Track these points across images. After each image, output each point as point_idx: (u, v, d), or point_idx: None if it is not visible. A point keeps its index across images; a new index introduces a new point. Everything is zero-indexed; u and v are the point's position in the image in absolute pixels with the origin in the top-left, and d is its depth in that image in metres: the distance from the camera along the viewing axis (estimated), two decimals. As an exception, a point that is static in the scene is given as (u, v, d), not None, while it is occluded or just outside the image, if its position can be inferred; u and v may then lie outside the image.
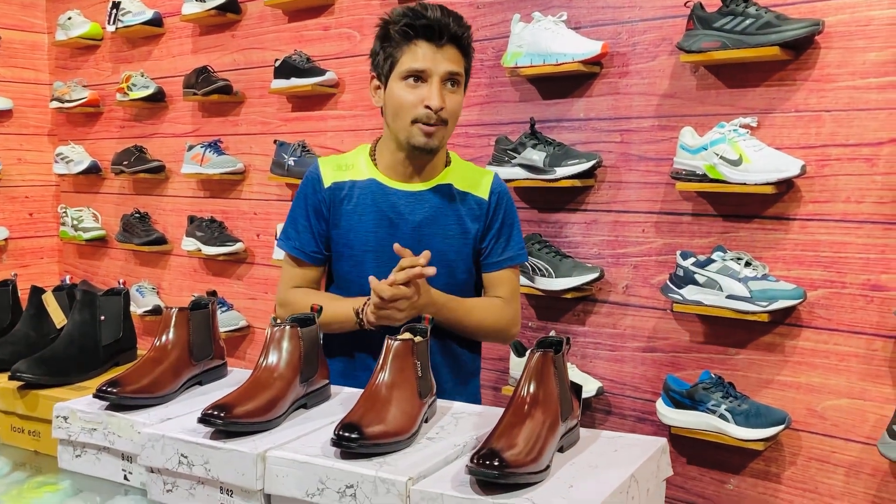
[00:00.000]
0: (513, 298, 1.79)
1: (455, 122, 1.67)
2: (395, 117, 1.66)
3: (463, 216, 1.73)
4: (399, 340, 1.38)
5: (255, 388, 1.41)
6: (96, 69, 4.08)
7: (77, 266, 4.32)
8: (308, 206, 1.77)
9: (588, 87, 2.40)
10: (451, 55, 1.62)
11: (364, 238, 1.73)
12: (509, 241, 1.78)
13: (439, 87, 1.60)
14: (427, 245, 1.66)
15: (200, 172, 3.36)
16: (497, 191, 1.77)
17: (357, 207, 1.73)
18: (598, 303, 2.42)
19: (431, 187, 1.73)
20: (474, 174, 1.78)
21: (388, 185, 1.72)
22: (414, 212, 1.71)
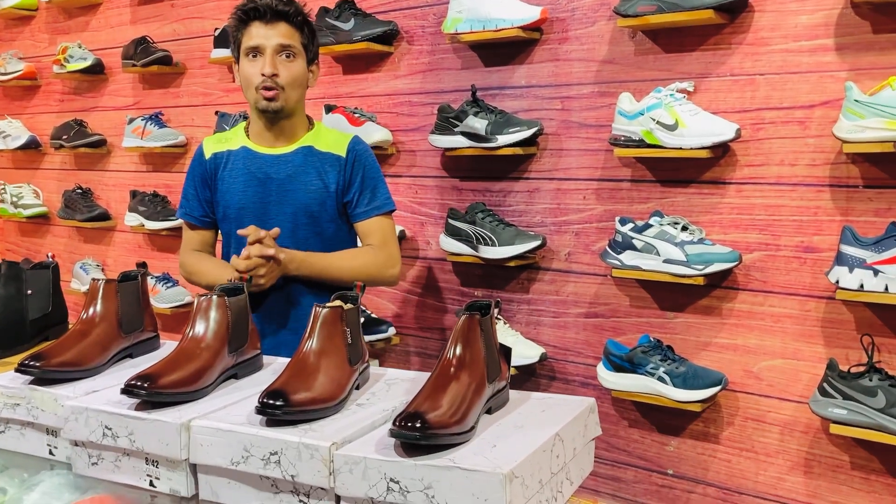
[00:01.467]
0: (385, 243, 1.98)
1: (297, 88, 1.91)
2: (245, 89, 1.93)
3: (322, 172, 1.95)
4: (328, 308, 1.37)
5: (180, 358, 1.39)
6: (32, 41, 3.95)
7: (19, 244, 4.21)
8: (195, 177, 2.04)
9: (529, 54, 2.38)
10: (282, 30, 1.88)
11: (238, 198, 1.97)
12: (375, 192, 1.97)
13: (272, 58, 1.86)
14: (291, 198, 1.93)
15: (142, 146, 3.29)
16: (354, 149, 1.97)
17: (232, 172, 1.98)
18: (542, 270, 2.43)
19: (293, 150, 1.96)
20: (336, 137, 2.01)
21: (256, 151, 1.97)
22: (279, 171, 1.94)
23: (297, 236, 1.94)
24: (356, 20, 2.59)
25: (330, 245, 1.97)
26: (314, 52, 1.97)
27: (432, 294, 2.67)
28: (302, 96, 1.96)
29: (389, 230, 2.01)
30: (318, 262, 1.92)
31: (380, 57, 2.70)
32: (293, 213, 1.94)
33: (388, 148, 2.67)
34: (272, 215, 1.94)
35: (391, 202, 2.02)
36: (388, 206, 2.01)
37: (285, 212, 1.94)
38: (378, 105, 2.73)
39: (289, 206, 1.94)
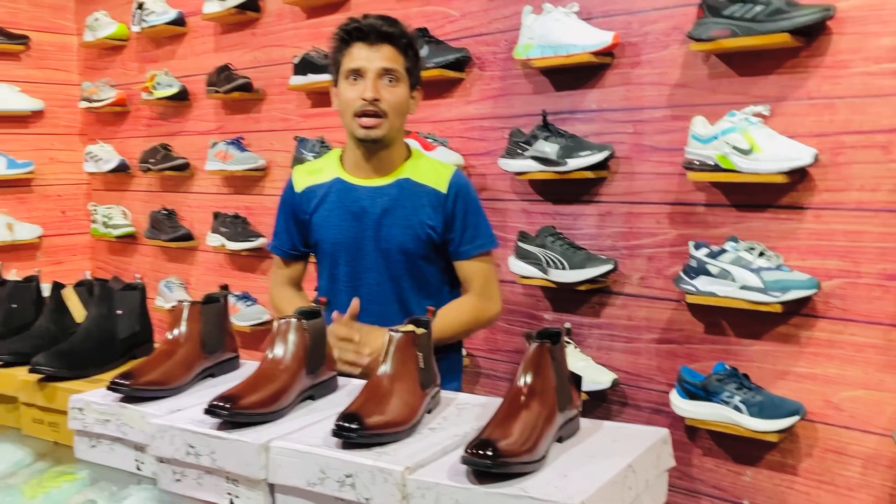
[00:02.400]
0: (486, 286, 1.90)
1: (398, 115, 1.81)
2: (343, 114, 1.83)
3: (419, 207, 1.84)
4: (401, 333, 1.40)
5: (260, 379, 1.44)
6: (123, 69, 4.16)
7: (108, 262, 4.41)
8: (286, 210, 1.98)
9: (600, 78, 2.39)
10: (385, 53, 1.78)
11: (333, 233, 1.89)
12: (476, 230, 1.88)
13: (374, 82, 1.77)
14: (386, 234, 1.84)
15: (224, 169, 3.42)
16: (456, 184, 1.86)
17: (326, 206, 1.89)
18: (613, 294, 2.42)
19: (391, 182, 1.86)
20: (435, 168, 1.89)
21: (351, 183, 1.88)
22: (375, 205, 1.84)
23: (390, 273, 1.87)
24: (430, 47, 2.65)
25: (424, 284, 1.90)
26: (417, 76, 1.87)
27: (502, 317, 2.68)
28: (403, 124, 1.86)
29: (491, 270, 1.92)
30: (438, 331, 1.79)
31: (452, 83, 2.75)
32: (387, 249, 1.85)
33: (460, 172, 2.71)
34: (366, 252, 1.87)
35: (493, 239, 1.92)
36: (491, 244, 1.91)
37: (380, 248, 1.86)
38: (450, 130, 2.77)
39: (383, 241, 1.85)
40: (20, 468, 1.66)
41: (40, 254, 4.35)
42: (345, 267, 1.91)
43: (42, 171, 4.31)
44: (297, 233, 1.98)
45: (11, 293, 2.03)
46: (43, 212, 4.36)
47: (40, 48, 4.31)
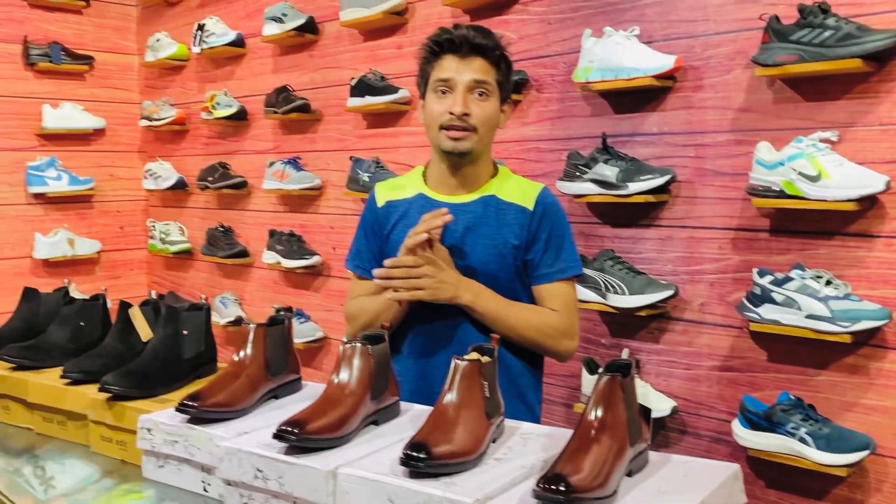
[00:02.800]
0: (565, 311, 1.76)
1: (487, 130, 1.73)
2: (429, 127, 1.76)
3: (505, 226, 1.75)
4: (466, 361, 1.40)
5: (327, 404, 1.45)
6: (183, 89, 4.26)
7: (164, 278, 4.50)
8: (366, 226, 1.90)
9: (661, 102, 2.37)
10: (477, 66, 1.70)
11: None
12: (559, 252, 1.76)
13: (463, 95, 1.69)
14: (469, 254, 1.75)
15: (280, 188, 3.47)
16: (543, 202, 1.77)
17: (407, 222, 1.80)
18: (673, 320, 2.39)
19: (475, 199, 1.77)
20: (522, 186, 1.80)
21: (433, 198, 1.80)
22: (457, 222, 1.74)
23: None
24: (488, 70, 2.65)
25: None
26: (509, 90, 1.79)
27: (558, 339, 2.67)
28: (491, 140, 1.77)
29: (572, 298, 1.79)
30: (497, 303, 1.71)
31: (510, 104, 2.75)
32: (468, 269, 1.75)
33: (517, 193, 2.70)
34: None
35: (578, 265, 1.80)
36: (574, 271, 1.78)
37: (461, 267, 1.75)
38: (506, 151, 2.77)
39: (465, 261, 1.75)
40: (88, 484, 1.69)
41: (99, 268, 4.46)
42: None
43: (102, 188, 4.42)
44: (376, 250, 1.89)
45: (80, 311, 2.08)
46: (102, 227, 4.47)
47: (103, 68, 4.43)
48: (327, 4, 3.40)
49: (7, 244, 4.11)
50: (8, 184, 4.11)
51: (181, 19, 4.22)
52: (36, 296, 2.20)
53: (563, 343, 1.76)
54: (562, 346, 1.77)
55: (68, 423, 1.83)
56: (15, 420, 1.93)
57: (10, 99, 4.11)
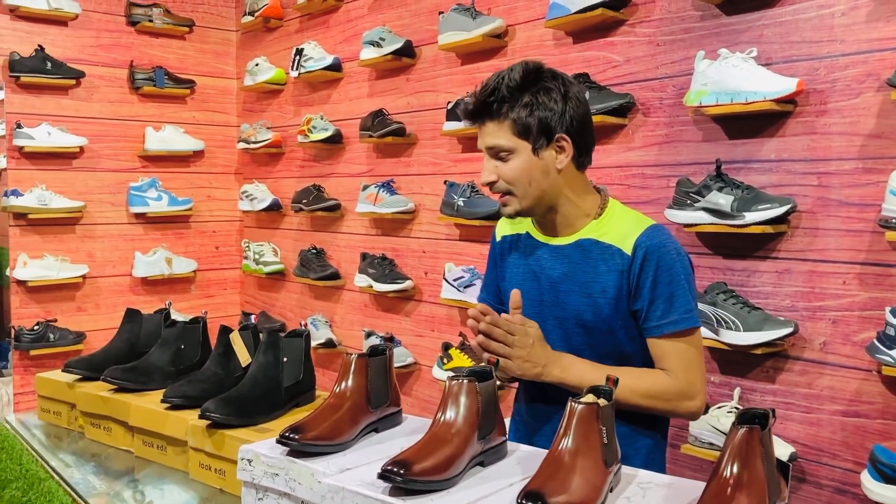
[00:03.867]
0: (681, 370, 1.58)
1: (526, 186, 1.60)
2: None
3: (602, 273, 1.60)
4: (583, 404, 1.31)
5: (432, 444, 1.38)
6: (279, 112, 4.31)
7: (256, 298, 4.55)
8: (490, 258, 1.86)
9: (780, 127, 2.23)
10: (489, 130, 1.62)
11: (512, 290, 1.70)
12: (671, 302, 1.57)
13: (486, 164, 1.64)
14: (563, 301, 1.64)
15: (374, 211, 3.45)
16: (645, 244, 1.57)
17: (515, 260, 1.76)
18: (791, 359, 2.23)
19: (572, 241, 1.65)
20: (627, 226, 1.62)
21: (536, 239, 1.72)
22: (554, 267, 1.67)
23: (569, 345, 1.65)
24: (591, 93, 2.57)
25: (611, 362, 1.62)
26: (541, 130, 1.59)
27: (662, 375, 2.54)
28: (546, 187, 1.61)
29: (691, 353, 1.60)
30: (594, 373, 1.56)
31: (612, 129, 2.65)
32: (563, 318, 1.64)
33: (620, 221, 2.60)
34: (546, 317, 1.67)
35: (693, 317, 1.59)
36: (687, 324, 1.58)
37: (557, 315, 1.65)
38: (608, 177, 2.67)
39: (560, 309, 1.65)
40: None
41: (194, 287, 4.55)
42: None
43: (199, 209, 4.52)
44: (497, 282, 1.84)
45: (180, 334, 2.09)
46: (198, 247, 4.56)
47: (203, 91, 4.55)
48: (425, 28, 3.38)
49: (109, 262, 4.23)
50: (111, 203, 4.24)
51: (279, 44, 4.29)
52: (138, 317, 2.22)
53: (682, 405, 1.59)
54: (682, 409, 1.60)
55: (168, 448, 1.83)
56: (116, 442, 1.95)
57: (116, 122, 4.25)
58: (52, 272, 3.94)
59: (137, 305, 4.12)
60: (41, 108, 4.00)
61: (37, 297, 4.00)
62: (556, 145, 1.61)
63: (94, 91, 4.17)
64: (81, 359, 2.14)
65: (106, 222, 4.23)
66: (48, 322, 3.90)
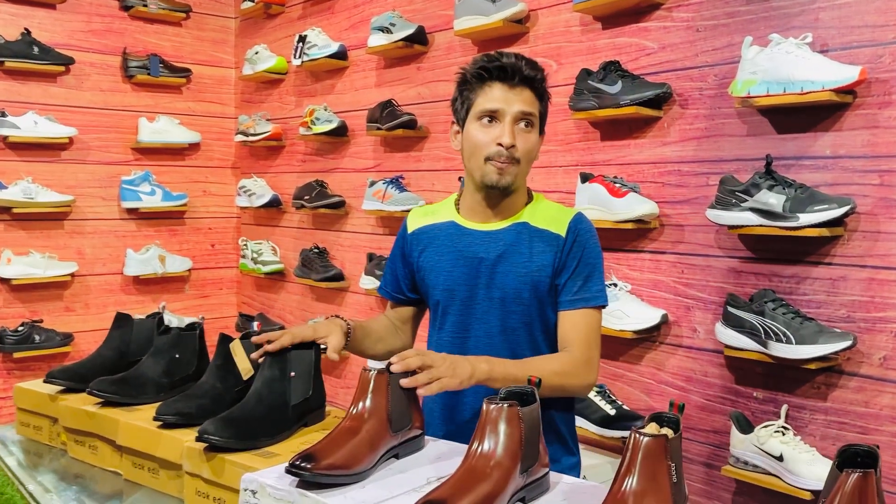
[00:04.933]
0: (584, 342, 1.67)
1: (529, 163, 1.70)
2: (470, 157, 1.70)
3: (536, 253, 1.70)
4: (648, 436, 1.12)
5: (471, 478, 1.19)
6: (280, 103, 4.10)
7: (254, 299, 4.34)
8: (396, 251, 1.89)
9: (837, 120, 2.04)
10: (524, 97, 1.66)
11: (444, 278, 1.76)
12: (588, 280, 1.69)
13: (511, 126, 1.65)
14: (500, 282, 1.70)
15: (382, 209, 3.24)
16: (576, 228, 1.71)
17: (437, 249, 1.78)
18: (846, 375, 2.03)
19: (506, 226, 1.73)
20: (556, 213, 1.75)
21: (464, 226, 1.77)
22: (488, 250, 1.72)
23: (503, 325, 1.70)
24: (624, 83, 2.37)
25: (541, 340, 1.72)
26: (545, 121, 1.75)
27: (698, 389, 2.34)
28: (528, 171, 1.74)
29: (594, 329, 1.70)
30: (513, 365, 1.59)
31: (645, 122, 2.45)
32: (501, 298, 1.70)
33: (651, 222, 2.40)
34: (479, 299, 1.72)
35: (604, 296, 1.71)
36: (599, 300, 1.70)
37: (493, 296, 1.71)
38: (641, 174, 2.47)
39: (497, 290, 1.70)
40: (178, 544, 1.47)
41: (188, 287, 4.34)
42: (454, 317, 1.76)
43: (194, 204, 4.31)
44: (403, 276, 1.88)
45: (175, 342, 1.88)
46: (193, 244, 4.35)
47: (199, 81, 4.34)
48: (438, 13, 3.17)
49: (98, 260, 4.02)
50: (102, 198, 4.02)
51: (281, 31, 4.08)
52: (128, 322, 2.02)
53: (583, 381, 1.66)
54: (582, 384, 1.67)
55: (161, 472, 1.63)
56: (102, 462, 1.75)
57: (108, 112, 4.03)
58: (39, 270, 3.72)
59: (129, 306, 3.97)
60: (27, 95, 3.78)
61: (22, 296, 3.78)
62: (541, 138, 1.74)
63: (84, 79, 3.95)
64: (65, 368, 1.93)
65: (96, 217, 4.01)
66: (33, 323, 3.68)
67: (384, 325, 1.93)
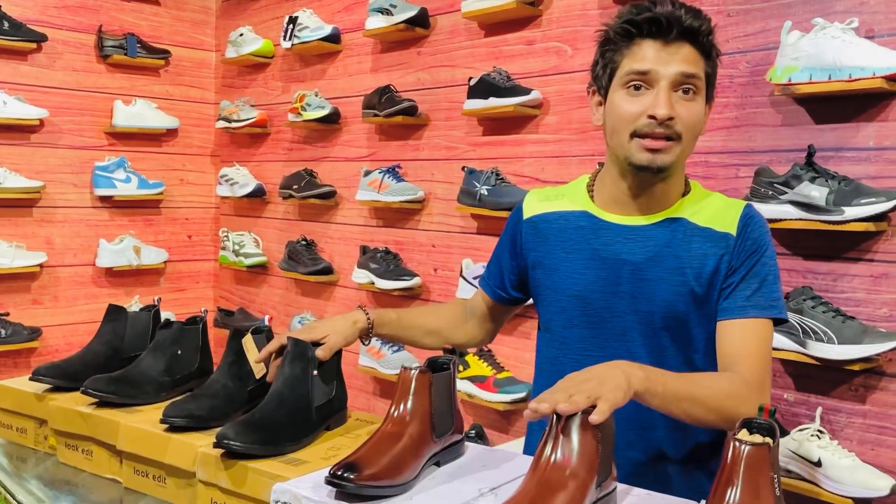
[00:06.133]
0: (756, 359, 1.34)
1: (692, 139, 1.38)
2: (612, 133, 1.40)
3: (697, 256, 1.38)
4: (749, 444, 1.01)
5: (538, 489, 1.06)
6: (265, 88, 3.92)
7: (233, 293, 4.15)
8: (505, 240, 1.61)
9: (882, 109, 1.94)
10: (684, 54, 1.34)
11: (570, 281, 1.46)
12: (763, 285, 1.37)
13: (668, 93, 1.33)
14: (649, 291, 1.39)
15: (378, 200, 3.09)
16: (749, 224, 1.39)
17: (564, 244, 1.48)
18: (886, 377, 1.95)
19: (658, 221, 1.42)
20: (722, 206, 1.43)
21: (602, 219, 1.45)
22: (634, 251, 1.41)
23: (655, 345, 1.40)
24: (649, 68, 2.26)
25: (701, 361, 1.42)
26: (714, 87, 1.42)
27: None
28: (692, 150, 1.41)
29: (768, 343, 1.38)
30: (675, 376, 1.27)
31: (668, 110, 2.34)
32: (649, 312, 1.39)
33: (674, 215, 2.29)
34: (619, 311, 1.41)
35: (780, 307, 1.38)
36: (776, 312, 1.37)
37: (639, 309, 1.40)
38: (662, 165, 2.36)
39: (644, 301, 1.39)
40: (190, 561, 1.32)
41: (163, 280, 4.13)
42: (583, 330, 1.45)
43: (171, 193, 4.10)
44: (510, 270, 1.59)
45: (176, 337, 1.72)
46: (169, 235, 4.14)
47: (178, 64, 4.13)
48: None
49: (69, 250, 3.79)
50: (74, 184, 3.79)
51: (266, 13, 3.89)
52: (122, 315, 1.84)
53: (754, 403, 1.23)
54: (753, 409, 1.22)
55: (168, 480, 1.46)
56: (99, 469, 1.57)
57: (81, 93, 3.80)
58: (5, 260, 3.48)
59: (101, 299, 3.74)
60: (-5, 73, 3.54)
61: (-14, 288, 3.55)
62: (708, 108, 1.40)
63: (56, 57, 3.71)
64: (54, 365, 1.74)
65: (67, 205, 3.77)
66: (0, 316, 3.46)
67: (450, 314, 1.70)
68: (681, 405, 1.26)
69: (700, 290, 1.38)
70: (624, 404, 1.14)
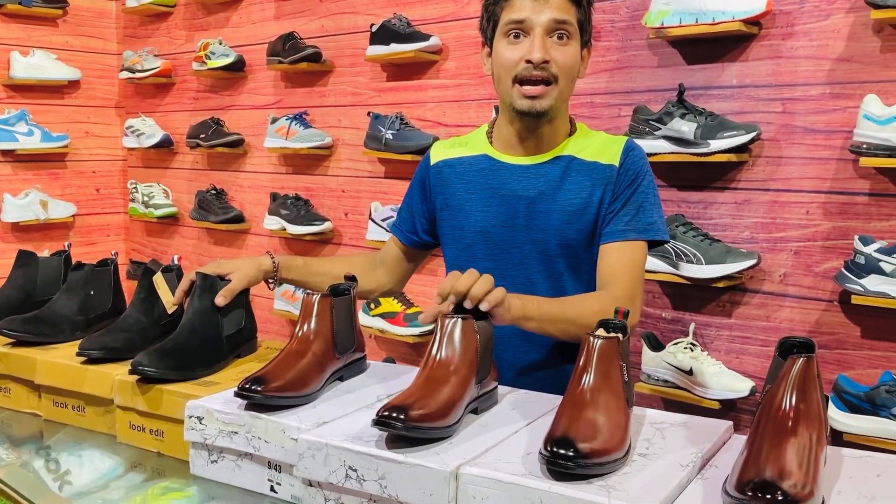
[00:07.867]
0: (630, 282, 1.47)
1: (569, 82, 1.48)
2: (498, 81, 1.52)
3: (585, 188, 1.51)
4: (602, 338, 1.17)
5: (431, 385, 1.20)
6: (168, 38, 3.89)
7: (145, 245, 4.16)
8: (415, 186, 1.71)
9: (743, 50, 2.14)
10: (556, 3, 1.45)
11: (473, 218, 1.58)
12: (639, 212, 1.50)
13: (542, 39, 1.44)
14: (544, 223, 1.52)
15: (286, 147, 3.15)
16: (630, 155, 1.53)
17: (467, 186, 1.60)
18: (749, 292, 2.18)
19: (549, 159, 1.54)
20: (605, 142, 1.56)
21: (499, 160, 1.58)
22: (528, 187, 1.54)
23: (552, 271, 1.54)
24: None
25: (591, 284, 1.54)
26: (589, 32, 1.52)
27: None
28: (571, 92, 1.52)
29: (640, 265, 1.50)
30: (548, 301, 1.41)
31: (557, 54, 2.49)
32: (545, 240, 1.52)
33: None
34: (517, 242, 1.54)
35: (662, 232, 1.52)
36: (653, 234, 1.50)
37: (535, 239, 1.53)
38: (552, 106, 2.52)
39: (539, 231, 1.52)
40: (112, 479, 1.42)
41: (73, 233, 4.10)
42: (487, 262, 1.56)
43: (77, 146, 4.05)
44: (420, 214, 1.69)
45: (89, 278, 1.79)
46: (76, 189, 4.10)
47: (77, 14, 4.04)
48: (341, -57, 3.08)
49: (-28, 206, 3.72)
50: (-27, 139, 3.71)
51: (166, -39, 3.84)
52: (33, 260, 1.90)
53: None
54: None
55: (87, 409, 1.55)
56: (18, 405, 1.65)
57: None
58: None
59: (8, 254, 3.70)
60: None
61: None
62: (585, 52, 1.52)
63: (-55, 7, 3.60)
64: (-35, 310, 1.79)
65: (-33, 160, 3.71)
66: None
67: (358, 263, 1.77)
68: (556, 326, 1.42)
69: (588, 218, 1.51)
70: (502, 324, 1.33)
